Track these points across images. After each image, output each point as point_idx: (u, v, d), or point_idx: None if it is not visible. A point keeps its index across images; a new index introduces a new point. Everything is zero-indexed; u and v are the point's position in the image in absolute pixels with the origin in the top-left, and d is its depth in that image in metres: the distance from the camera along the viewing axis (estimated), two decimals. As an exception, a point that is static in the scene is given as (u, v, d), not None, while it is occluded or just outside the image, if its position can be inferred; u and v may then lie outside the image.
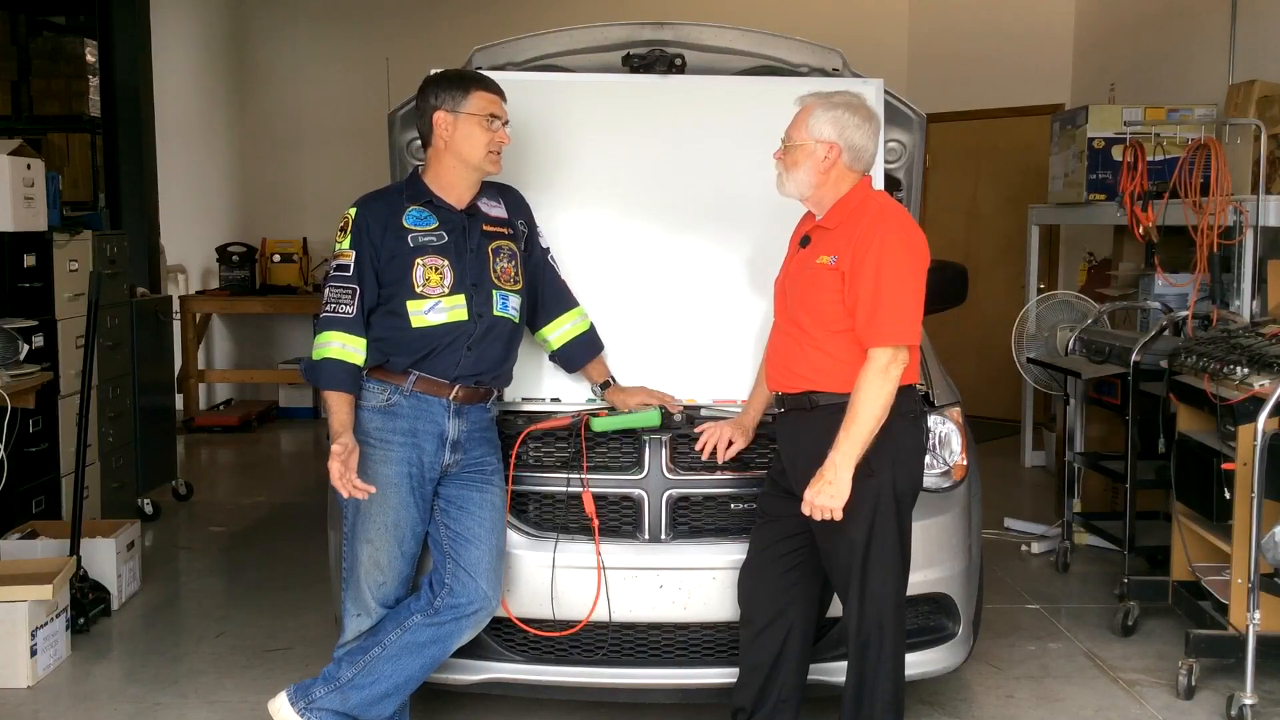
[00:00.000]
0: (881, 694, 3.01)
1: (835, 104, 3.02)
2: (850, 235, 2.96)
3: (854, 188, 3.04)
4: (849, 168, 3.02)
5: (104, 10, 7.11)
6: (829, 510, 2.87)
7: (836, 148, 2.99)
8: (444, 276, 3.13)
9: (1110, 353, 5.01)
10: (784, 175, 3.07)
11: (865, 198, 3.03)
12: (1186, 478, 4.15)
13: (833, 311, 2.96)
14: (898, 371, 2.88)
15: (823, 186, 3.03)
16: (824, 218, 3.05)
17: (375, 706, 3.16)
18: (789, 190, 3.08)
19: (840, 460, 2.86)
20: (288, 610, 4.63)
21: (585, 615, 3.25)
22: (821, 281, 2.98)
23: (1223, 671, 3.90)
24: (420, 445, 3.14)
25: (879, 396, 2.86)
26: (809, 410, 3.01)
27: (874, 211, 2.98)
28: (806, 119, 3.02)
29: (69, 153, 7.58)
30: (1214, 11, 6.13)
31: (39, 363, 4.73)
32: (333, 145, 8.94)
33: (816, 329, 2.99)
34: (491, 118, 3.14)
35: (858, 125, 3.00)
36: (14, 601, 3.90)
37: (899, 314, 2.89)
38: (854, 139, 3.00)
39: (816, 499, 2.87)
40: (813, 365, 3.00)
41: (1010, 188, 8.26)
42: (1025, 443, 7.39)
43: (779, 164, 3.08)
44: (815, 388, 3.00)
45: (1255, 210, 4.70)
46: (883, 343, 2.88)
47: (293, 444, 8.34)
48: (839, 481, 2.85)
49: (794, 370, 3.05)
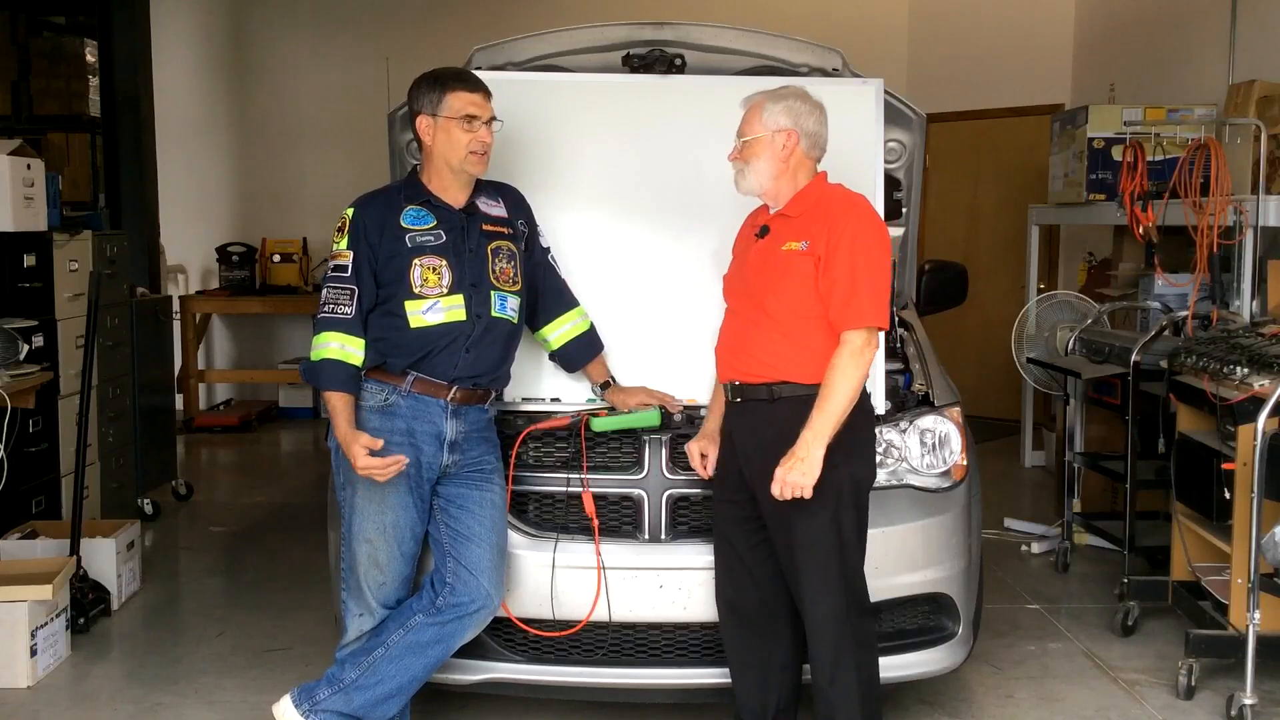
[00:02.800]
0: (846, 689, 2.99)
1: (784, 95, 3.09)
2: (820, 221, 2.99)
3: (813, 180, 3.09)
4: (806, 154, 3.08)
5: (104, 10, 7.11)
6: (799, 487, 2.87)
7: (795, 134, 3.05)
8: (442, 277, 3.12)
9: (1110, 353, 5.01)
10: (743, 170, 3.10)
11: (827, 188, 3.09)
12: (1186, 478, 4.15)
13: (806, 297, 2.98)
14: (870, 354, 2.94)
15: (782, 176, 3.07)
16: (785, 206, 3.08)
17: (379, 707, 3.16)
18: (749, 186, 3.11)
19: (813, 439, 2.88)
20: (288, 610, 4.63)
21: (585, 615, 3.25)
22: (791, 267, 3.00)
23: (1223, 671, 3.90)
24: (418, 446, 3.13)
25: (853, 378, 2.90)
26: (770, 402, 3.02)
27: (841, 199, 3.06)
28: (759, 113, 3.08)
29: (69, 153, 7.60)
30: (1214, 11, 6.12)
31: (39, 363, 4.73)
32: (333, 145, 8.93)
33: (786, 315, 3.00)
34: (469, 118, 3.11)
35: (809, 111, 3.07)
36: (14, 601, 3.90)
37: (875, 296, 2.95)
38: (808, 125, 3.06)
39: (788, 475, 2.88)
40: (778, 354, 3.01)
41: (1010, 188, 8.26)
42: (1025, 443, 7.38)
43: (735, 163, 3.11)
44: (780, 378, 3.00)
45: (1255, 210, 4.70)
46: (859, 324, 2.92)
47: (293, 444, 8.34)
48: (811, 459, 2.87)
49: (757, 358, 3.04)
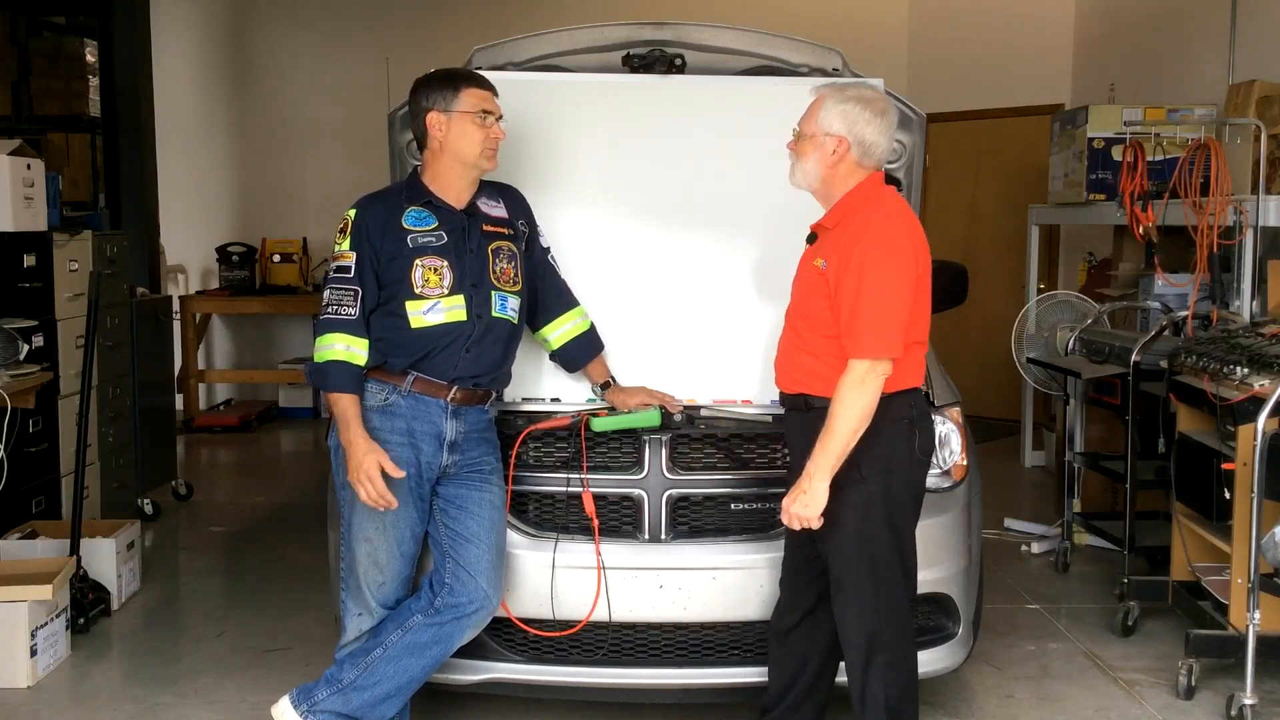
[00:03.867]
0: (873, 706, 2.97)
1: (847, 97, 2.94)
2: (840, 240, 2.90)
3: (858, 185, 2.95)
4: (858, 163, 2.94)
5: (104, 10, 7.11)
6: (806, 520, 2.84)
7: (845, 142, 2.91)
8: (443, 277, 3.12)
9: (1110, 353, 5.01)
10: (794, 165, 3.01)
11: (866, 197, 2.94)
12: (1186, 478, 4.15)
13: (822, 315, 2.92)
14: (875, 383, 2.81)
15: (831, 181, 2.96)
16: (826, 216, 3.00)
17: (378, 708, 3.16)
18: (798, 180, 3.02)
19: (815, 471, 2.82)
20: (288, 610, 4.63)
21: (585, 615, 3.25)
22: (813, 285, 2.96)
23: (1223, 671, 3.90)
24: (418, 445, 3.14)
25: (853, 407, 2.80)
26: (805, 411, 3.00)
27: (864, 216, 2.90)
28: (818, 110, 2.96)
29: (69, 153, 7.60)
30: (1214, 11, 6.12)
31: (39, 363, 4.73)
32: (333, 145, 8.94)
33: (809, 332, 2.97)
34: (484, 114, 3.13)
35: (869, 120, 2.91)
36: (14, 601, 3.90)
37: (878, 326, 2.80)
38: (864, 134, 2.91)
39: (792, 507, 2.86)
40: (804, 368, 2.98)
41: (1010, 188, 8.25)
42: (1025, 443, 7.38)
43: (790, 153, 3.02)
44: (809, 390, 2.98)
45: (1255, 210, 4.70)
46: (860, 354, 2.81)
47: (293, 444, 8.34)
48: (813, 491, 2.81)
49: (790, 372, 3.04)
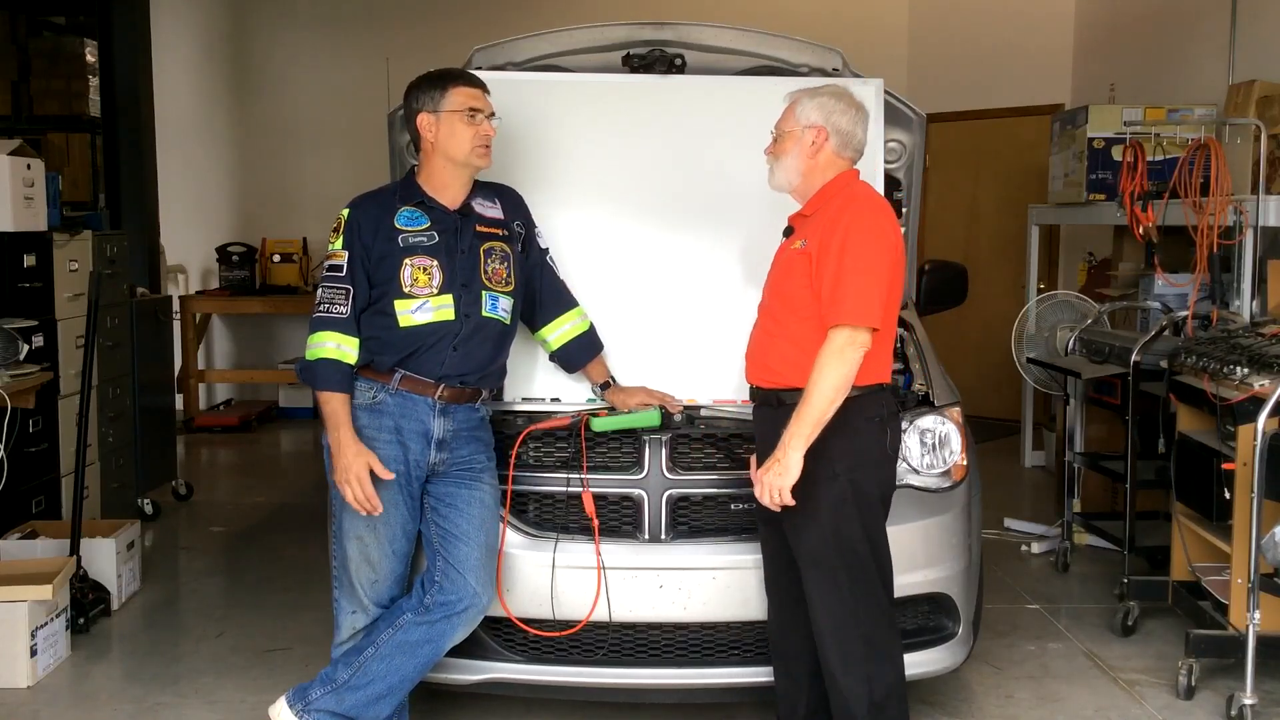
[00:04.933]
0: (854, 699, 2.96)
1: (820, 93, 3.07)
2: (821, 221, 2.97)
3: (837, 176, 3.04)
4: (836, 153, 3.04)
5: (104, 10, 7.11)
6: (777, 489, 2.83)
7: (824, 131, 3.02)
8: (433, 277, 3.13)
9: (1110, 353, 5.01)
10: (773, 166, 3.09)
11: (845, 185, 3.03)
12: (1186, 478, 4.15)
13: (801, 296, 2.95)
14: (855, 355, 2.83)
15: (811, 174, 3.04)
16: (805, 205, 3.07)
17: (371, 707, 3.16)
18: (778, 181, 3.09)
19: (790, 440, 2.82)
20: (288, 610, 4.63)
21: (585, 615, 3.25)
22: (793, 266, 3.00)
23: (1223, 671, 3.90)
24: (405, 443, 3.14)
25: (832, 376, 2.81)
26: (775, 408, 3.00)
27: (845, 196, 2.99)
28: (794, 109, 3.07)
29: (69, 153, 7.61)
30: (1214, 11, 6.12)
31: (39, 363, 4.73)
32: (332, 145, 8.93)
33: (786, 315, 3.00)
34: (473, 111, 3.14)
35: (843, 110, 3.03)
36: (14, 601, 3.90)
37: (860, 293, 2.83)
38: (840, 123, 3.02)
39: (766, 476, 2.85)
40: (782, 357, 3.00)
41: (1010, 188, 8.25)
42: (1025, 443, 7.38)
43: (768, 158, 3.11)
44: (784, 384, 2.98)
45: (1255, 210, 4.70)
46: (842, 321, 2.83)
47: (293, 444, 8.34)
48: (788, 460, 2.81)
49: (766, 365, 3.05)
